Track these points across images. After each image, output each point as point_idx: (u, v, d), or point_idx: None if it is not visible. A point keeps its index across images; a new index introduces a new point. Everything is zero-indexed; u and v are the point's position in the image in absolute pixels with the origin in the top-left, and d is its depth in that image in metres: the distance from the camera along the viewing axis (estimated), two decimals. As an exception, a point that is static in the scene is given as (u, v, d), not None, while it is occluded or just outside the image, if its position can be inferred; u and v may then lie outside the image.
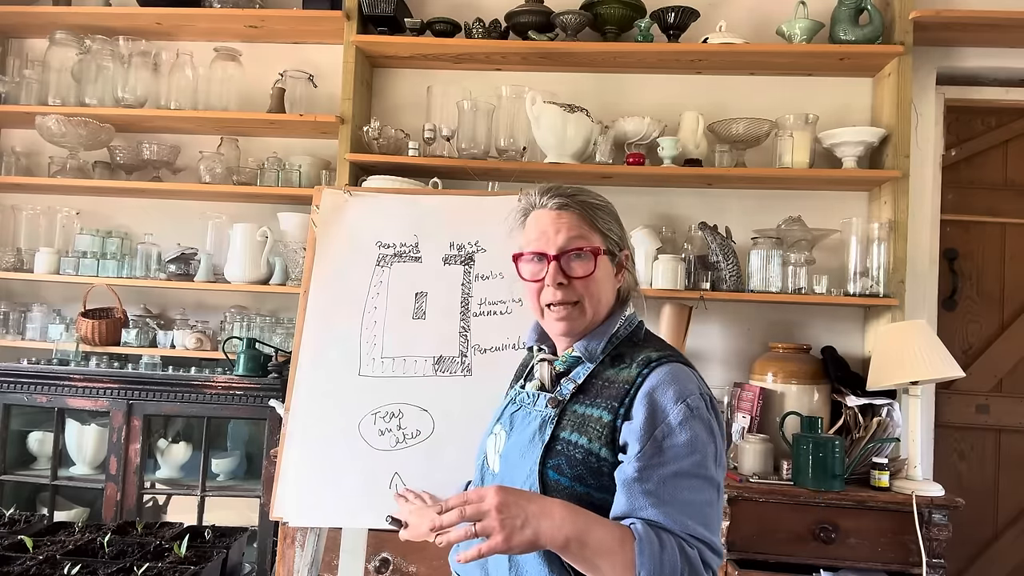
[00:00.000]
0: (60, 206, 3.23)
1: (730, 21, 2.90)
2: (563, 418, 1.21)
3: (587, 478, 1.15)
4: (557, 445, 1.18)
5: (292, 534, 2.23)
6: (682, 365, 1.20)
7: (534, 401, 1.28)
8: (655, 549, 1.04)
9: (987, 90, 3.03)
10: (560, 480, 1.16)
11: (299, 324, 2.13)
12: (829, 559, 2.30)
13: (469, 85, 3.01)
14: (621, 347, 1.25)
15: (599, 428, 1.16)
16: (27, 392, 2.82)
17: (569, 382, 1.25)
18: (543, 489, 1.16)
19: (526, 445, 1.22)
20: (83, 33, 3.12)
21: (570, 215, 1.26)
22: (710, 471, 1.12)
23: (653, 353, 1.22)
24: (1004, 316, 3.09)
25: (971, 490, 2.98)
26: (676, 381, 1.16)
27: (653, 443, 1.11)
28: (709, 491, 1.11)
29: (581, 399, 1.22)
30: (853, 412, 2.53)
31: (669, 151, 2.78)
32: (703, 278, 2.75)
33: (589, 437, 1.17)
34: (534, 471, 1.17)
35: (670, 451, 1.10)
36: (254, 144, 3.19)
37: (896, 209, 2.70)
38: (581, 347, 1.25)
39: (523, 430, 1.26)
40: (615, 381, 1.20)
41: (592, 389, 1.22)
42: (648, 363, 1.19)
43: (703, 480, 1.11)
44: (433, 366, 2.04)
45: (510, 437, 1.28)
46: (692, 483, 1.10)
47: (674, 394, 1.14)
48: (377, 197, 2.32)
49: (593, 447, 1.16)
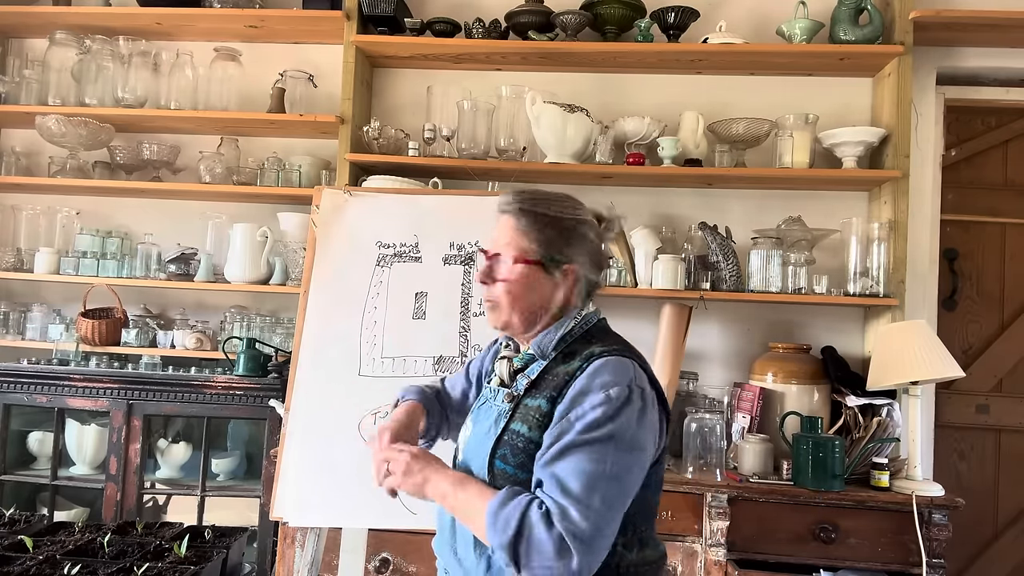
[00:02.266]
0: (60, 206, 3.23)
1: (730, 21, 2.90)
2: (516, 411, 1.29)
3: (527, 465, 1.22)
4: (505, 436, 1.27)
5: (292, 534, 2.23)
6: (623, 358, 1.24)
7: (495, 396, 1.36)
8: (500, 505, 1.14)
9: (987, 90, 3.03)
10: (506, 469, 1.25)
11: (299, 324, 2.13)
12: (829, 559, 2.30)
13: (469, 85, 3.01)
14: (575, 344, 1.31)
15: (539, 416, 1.24)
16: (27, 392, 2.82)
17: (524, 378, 1.32)
18: (491, 478, 1.25)
19: (482, 437, 1.31)
20: (83, 33, 3.12)
21: (508, 220, 1.33)
22: (600, 446, 1.15)
23: (598, 348, 1.27)
24: (1004, 316, 3.09)
25: (971, 490, 2.98)
26: (608, 372, 1.21)
27: (565, 421, 1.19)
28: (592, 463, 1.14)
29: (533, 393, 1.29)
30: (853, 412, 2.53)
31: (669, 151, 2.78)
32: (703, 278, 2.75)
33: (530, 426, 1.25)
34: (485, 462, 1.27)
35: (574, 426, 1.17)
36: (254, 144, 3.20)
37: (896, 209, 2.70)
38: (535, 345, 1.32)
39: (482, 423, 1.35)
40: (561, 374, 1.27)
41: (543, 383, 1.29)
42: (589, 357, 1.25)
43: (588, 451, 1.15)
44: (433, 366, 2.04)
45: (473, 430, 1.38)
46: (574, 452, 1.15)
47: (600, 383, 1.20)
48: (377, 197, 2.33)
49: (533, 435, 1.23)
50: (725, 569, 2.29)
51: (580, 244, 1.32)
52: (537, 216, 1.31)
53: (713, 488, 2.31)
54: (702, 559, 2.31)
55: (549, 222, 1.30)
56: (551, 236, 1.30)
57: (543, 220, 1.30)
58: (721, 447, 2.42)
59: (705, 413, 2.46)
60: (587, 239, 1.33)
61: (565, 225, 1.31)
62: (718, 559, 2.30)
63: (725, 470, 2.42)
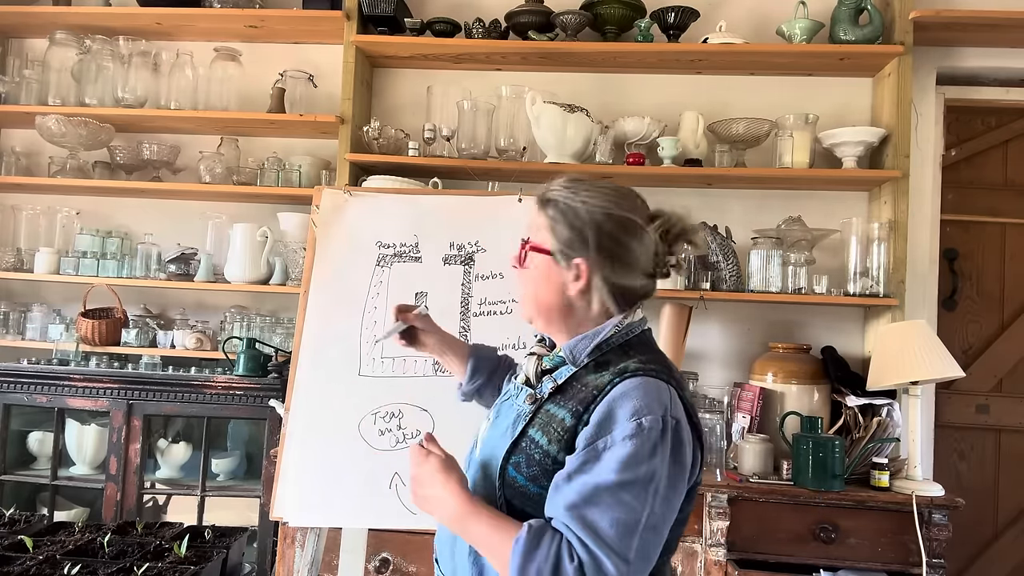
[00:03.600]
0: (60, 206, 3.23)
1: (730, 21, 2.90)
2: (537, 415, 1.20)
3: (541, 479, 1.14)
4: (523, 442, 1.18)
5: (292, 534, 2.23)
6: (659, 381, 1.13)
7: (517, 394, 1.28)
8: (527, 552, 1.05)
9: (987, 90, 3.03)
10: (517, 478, 1.17)
11: (299, 324, 2.13)
12: (829, 559, 2.30)
13: (469, 85, 3.01)
14: (610, 354, 1.20)
15: (560, 431, 1.15)
16: (27, 392, 2.82)
17: (550, 380, 1.23)
18: (502, 485, 1.17)
19: (500, 437, 1.24)
20: (83, 33, 3.12)
21: (535, 207, 1.27)
22: (636, 492, 1.06)
23: (632, 363, 1.16)
24: (1004, 316, 3.09)
25: (971, 490, 2.98)
26: (640, 396, 1.10)
27: (592, 451, 1.09)
28: (629, 512, 1.05)
29: (557, 399, 1.19)
30: (853, 412, 2.53)
31: (669, 151, 2.78)
32: (703, 278, 2.74)
33: (549, 438, 1.15)
34: (498, 467, 1.19)
35: (602, 463, 1.07)
36: (254, 144, 3.20)
37: (896, 209, 2.70)
38: (567, 348, 1.23)
39: (502, 421, 1.27)
40: (589, 386, 1.17)
41: (569, 391, 1.19)
42: (623, 372, 1.14)
43: (624, 498, 1.06)
44: (433, 366, 2.04)
45: (492, 426, 1.30)
46: (609, 498, 1.06)
47: (631, 408, 1.09)
48: (377, 197, 2.33)
49: (551, 449, 1.14)
50: (725, 569, 2.29)
51: (604, 240, 1.19)
52: (560, 206, 1.22)
53: (713, 488, 2.31)
54: (702, 559, 2.31)
55: (572, 213, 1.21)
56: (569, 227, 1.20)
57: (564, 210, 1.21)
58: (721, 447, 2.43)
59: (705, 413, 2.47)
60: (616, 237, 1.20)
61: (591, 218, 1.20)
62: (718, 559, 2.30)
63: (725, 470, 2.42)
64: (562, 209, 1.21)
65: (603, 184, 1.25)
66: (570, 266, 1.20)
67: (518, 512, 1.15)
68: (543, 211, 1.24)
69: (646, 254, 1.21)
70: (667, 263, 1.23)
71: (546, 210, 1.23)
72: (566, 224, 1.21)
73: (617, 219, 1.20)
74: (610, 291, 1.20)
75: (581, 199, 1.21)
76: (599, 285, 1.20)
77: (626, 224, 1.21)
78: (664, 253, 1.22)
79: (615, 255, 1.20)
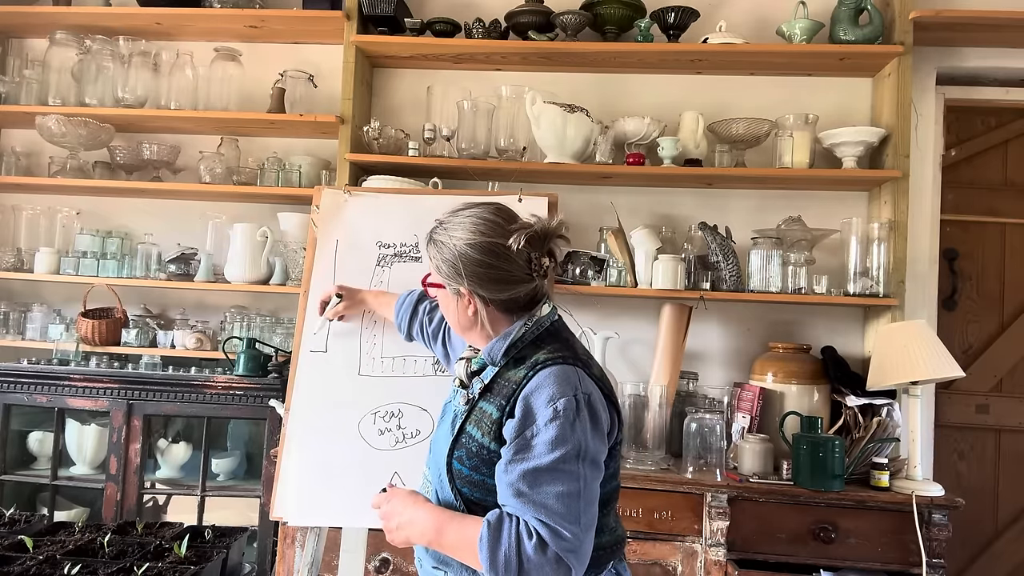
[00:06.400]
0: (60, 206, 3.24)
1: (730, 21, 2.90)
2: (472, 413, 1.36)
3: (481, 468, 1.31)
4: (462, 438, 1.35)
5: (292, 534, 2.23)
6: (565, 366, 1.29)
7: (454, 396, 1.45)
8: (492, 544, 1.20)
9: (987, 90, 3.03)
10: (462, 469, 1.33)
11: (299, 324, 2.13)
12: (829, 559, 2.30)
13: (469, 85, 3.02)
14: (525, 349, 1.35)
15: (489, 424, 1.31)
16: (27, 392, 2.83)
17: (479, 381, 1.39)
18: (450, 476, 1.33)
19: (444, 436, 1.40)
20: (83, 33, 3.12)
21: (425, 247, 1.44)
22: (570, 465, 1.22)
23: (542, 355, 1.32)
24: (1004, 316, 3.09)
25: (971, 490, 2.98)
26: (553, 384, 1.26)
27: (521, 440, 1.25)
28: (568, 483, 1.21)
29: (487, 396, 1.35)
30: (853, 412, 2.53)
31: (669, 151, 2.78)
32: (703, 278, 2.75)
33: (482, 432, 1.32)
34: (443, 460, 1.35)
35: (533, 449, 1.23)
36: (254, 144, 3.20)
37: (896, 209, 2.70)
38: (485, 352, 1.38)
39: (445, 422, 1.44)
40: (510, 381, 1.32)
41: (495, 388, 1.35)
42: (535, 366, 1.30)
43: (562, 474, 1.21)
44: (433, 366, 2.04)
45: (439, 426, 1.48)
46: (549, 476, 1.21)
47: (547, 397, 1.25)
48: (377, 197, 2.32)
49: (484, 441, 1.31)
50: (725, 569, 2.29)
51: (474, 267, 1.34)
52: (437, 245, 1.38)
53: (713, 488, 2.32)
54: (702, 559, 2.31)
55: (446, 250, 1.36)
56: (445, 263, 1.36)
57: (440, 249, 1.37)
58: (721, 447, 2.42)
59: (705, 413, 2.47)
60: (484, 262, 1.33)
61: (459, 252, 1.34)
62: (718, 559, 2.30)
63: (725, 470, 2.42)
64: (439, 248, 1.38)
65: (473, 213, 1.38)
66: (459, 295, 1.37)
67: (468, 499, 1.32)
68: (429, 251, 1.40)
69: (517, 265, 1.35)
70: (542, 265, 1.36)
71: (430, 250, 1.40)
72: (443, 261, 1.37)
73: (480, 247, 1.33)
74: (496, 307, 1.37)
75: (450, 235, 1.36)
76: (484, 305, 1.36)
77: (489, 248, 1.34)
78: (538, 257, 1.35)
79: (488, 277, 1.34)
